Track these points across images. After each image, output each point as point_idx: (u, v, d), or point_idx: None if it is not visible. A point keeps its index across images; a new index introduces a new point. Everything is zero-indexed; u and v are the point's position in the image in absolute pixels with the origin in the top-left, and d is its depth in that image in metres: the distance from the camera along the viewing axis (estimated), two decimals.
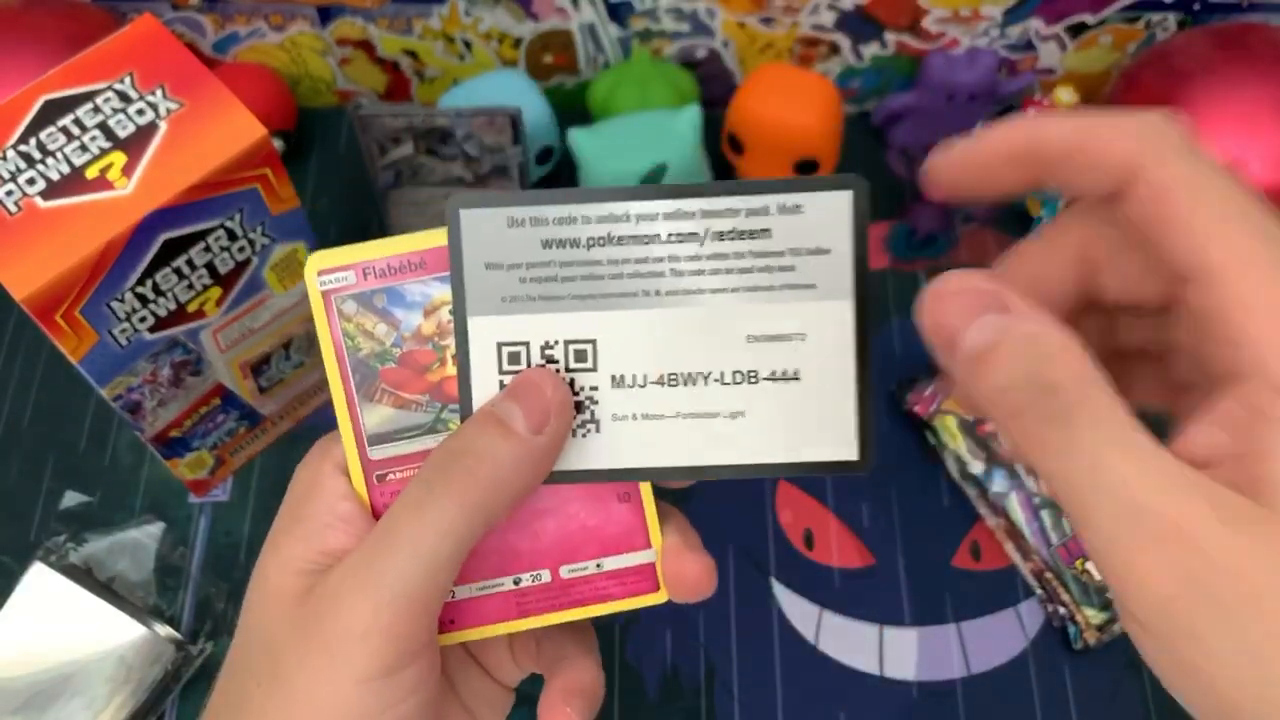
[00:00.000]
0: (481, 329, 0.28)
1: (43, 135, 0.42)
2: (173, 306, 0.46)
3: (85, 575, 0.54)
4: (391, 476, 0.30)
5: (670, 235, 0.28)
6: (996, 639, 0.54)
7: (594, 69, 0.67)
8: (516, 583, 0.31)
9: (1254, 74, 0.54)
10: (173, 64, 0.44)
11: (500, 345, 0.29)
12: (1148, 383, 0.27)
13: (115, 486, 0.58)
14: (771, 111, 0.59)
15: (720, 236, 0.28)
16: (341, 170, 0.68)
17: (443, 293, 0.29)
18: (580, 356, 0.28)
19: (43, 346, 0.62)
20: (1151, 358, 0.27)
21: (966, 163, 0.26)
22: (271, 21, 0.64)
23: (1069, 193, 0.25)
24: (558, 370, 0.29)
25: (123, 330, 0.44)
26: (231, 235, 0.45)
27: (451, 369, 0.29)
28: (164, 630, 0.52)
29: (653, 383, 0.28)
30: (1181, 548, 0.20)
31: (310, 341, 0.54)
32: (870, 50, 0.66)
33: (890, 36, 0.65)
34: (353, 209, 0.66)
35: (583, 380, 0.29)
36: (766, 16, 0.63)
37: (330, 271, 0.29)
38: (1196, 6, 0.62)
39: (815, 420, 0.28)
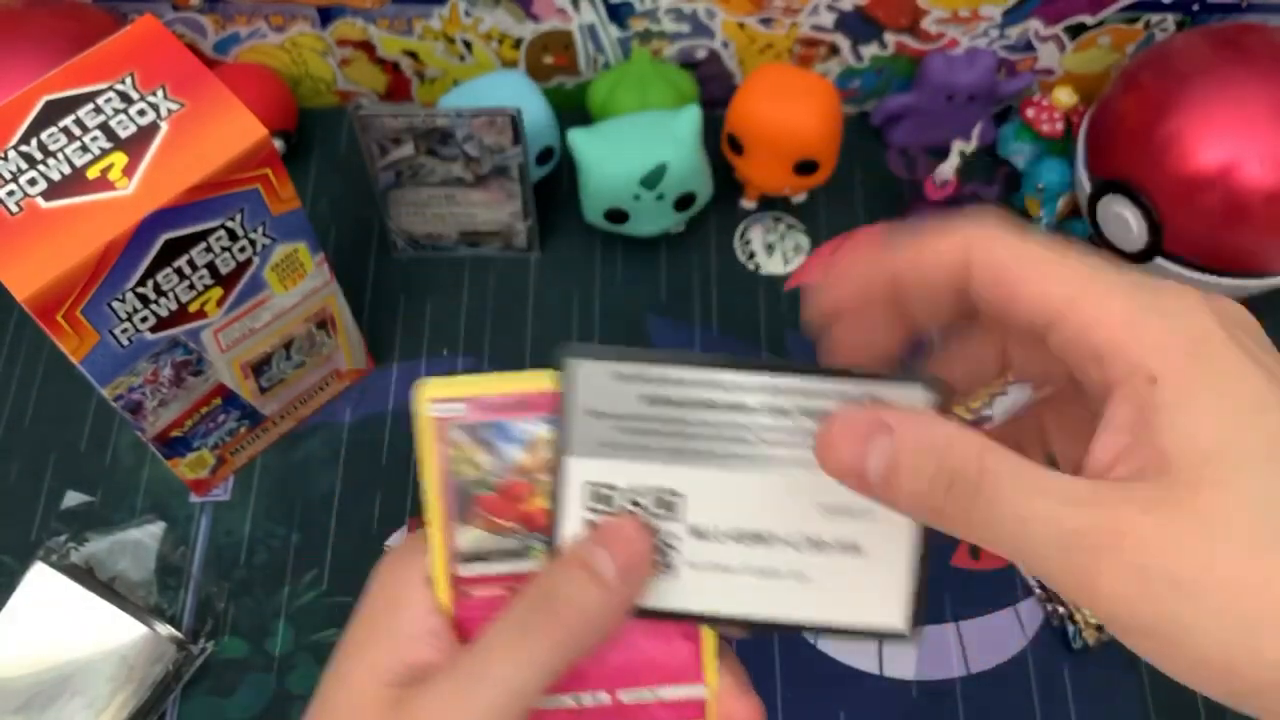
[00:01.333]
0: (577, 470, 0.31)
1: (44, 136, 0.43)
2: (174, 306, 0.46)
3: (86, 575, 0.54)
4: (477, 593, 0.32)
5: (762, 406, 0.30)
6: (995, 638, 0.54)
7: (594, 70, 0.68)
8: (577, 701, 0.32)
9: (1252, 74, 0.54)
10: (174, 64, 0.44)
11: (592, 485, 0.31)
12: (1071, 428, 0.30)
13: (116, 486, 0.58)
14: (771, 112, 0.59)
15: (808, 414, 0.30)
16: (342, 170, 0.68)
17: (544, 431, 0.32)
18: (665, 505, 0.31)
19: (44, 346, 0.62)
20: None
21: (835, 307, 0.29)
22: (272, 22, 0.64)
23: (928, 311, 0.28)
24: (642, 514, 0.31)
25: (124, 330, 0.45)
26: (232, 235, 0.45)
27: (543, 501, 0.32)
28: (165, 629, 0.52)
29: (729, 539, 0.31)
30: (1124, 550, 0.22)
31: (310, 341, 0.55)
32: (870, 51, 0.66)
33: (890, 37, 0.65)
34: (353, 209, 0.66)
35: (665, 526, 0.31)
36: (766, 17, 0.63)
37: (443, 401, 0.32)
38: (1195, 7, 0.62)
39: (872, 591, 0.30)
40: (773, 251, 0.65)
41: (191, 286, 0.46)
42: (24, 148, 0.42)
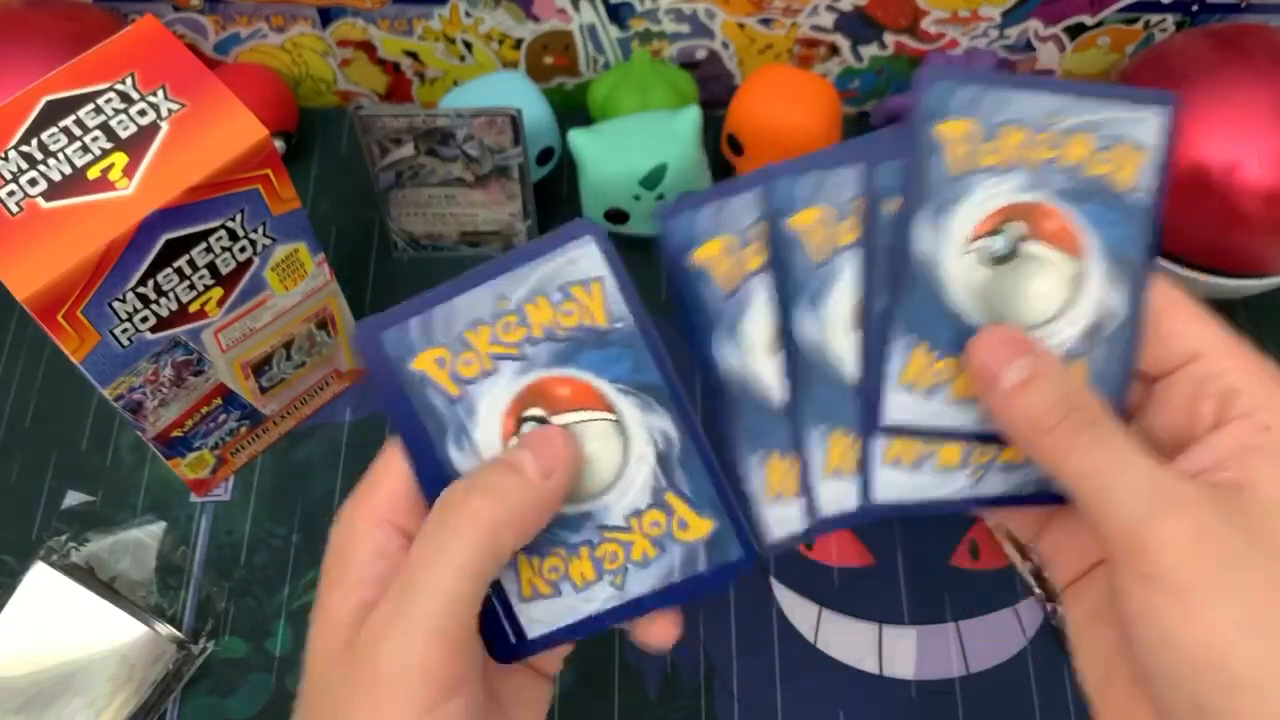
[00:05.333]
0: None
1: (44, 136, 0.43)
2: (174, 306, 0.46)
3: (87, 575, 0.54)
4: None
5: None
6: (995, 638, 0.54)
7: (594, 70, 0.68)
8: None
9: (1252, 75, 0.54)
10: (174, 65, 0.44)
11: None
12: None
13: (117, 486, 0.58)
14: (771, 113, 0.60)
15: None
16: (342, 171, 0.68)
17: None
18: None
19: (44, 346, 0.62)
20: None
21: None
22: (273, 23, 0.65)
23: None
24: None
25: (124, 330, 0.45)
26: (233, 235, 0.45)
27: None
28: (165, 629, 0.52)
29: None
30: (1195, 515, 0.26)
31: (311, 341, 0.55)
32: (869, 51, 0.66)
33: (889, 38, 0.65)
34: (353, 209, 0.66)
35: None
36: (766, 18, 0.63)
37: None
38: (1195, 7, 0.62)
39: None
40: None
41: (192, 286, 0.46)
42: (24, 148, 0.42)
